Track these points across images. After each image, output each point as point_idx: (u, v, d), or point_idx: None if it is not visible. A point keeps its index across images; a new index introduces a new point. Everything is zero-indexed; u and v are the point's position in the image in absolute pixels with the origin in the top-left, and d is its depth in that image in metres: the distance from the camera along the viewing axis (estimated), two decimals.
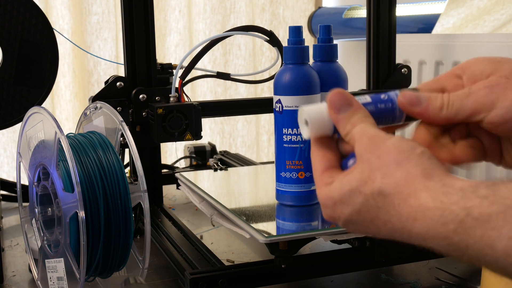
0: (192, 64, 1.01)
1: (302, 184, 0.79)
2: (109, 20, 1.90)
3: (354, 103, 0.50)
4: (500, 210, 0.40)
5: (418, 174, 0.44)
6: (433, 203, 0.43)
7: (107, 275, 0.73)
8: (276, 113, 0.79)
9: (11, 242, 1.03)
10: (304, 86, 0.77)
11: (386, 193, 0.45)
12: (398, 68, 1.18)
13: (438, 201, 0.42)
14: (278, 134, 0.79)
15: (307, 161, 0.78)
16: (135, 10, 1.00)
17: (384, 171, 0.45)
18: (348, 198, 0.47)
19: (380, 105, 0.51)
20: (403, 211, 0.44)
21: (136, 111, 1.00)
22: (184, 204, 1.20)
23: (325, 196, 0.49)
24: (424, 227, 0.43)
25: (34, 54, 1.00)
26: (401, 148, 0.46)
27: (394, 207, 0.45)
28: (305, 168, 0.79)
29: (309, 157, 0.79)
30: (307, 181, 0.79)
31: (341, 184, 0.48)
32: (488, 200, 0.41)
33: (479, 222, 0.41)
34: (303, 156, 0.78)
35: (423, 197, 0.43)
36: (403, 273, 0.85)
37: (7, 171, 1.88)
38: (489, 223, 0.40)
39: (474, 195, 0.42)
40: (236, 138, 2.13)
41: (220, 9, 2.04)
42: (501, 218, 0.40)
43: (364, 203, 0.46)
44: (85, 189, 0.67)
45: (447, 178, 0.44)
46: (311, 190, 0.80)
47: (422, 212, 0.43)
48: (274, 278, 0.77)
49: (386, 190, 0.45)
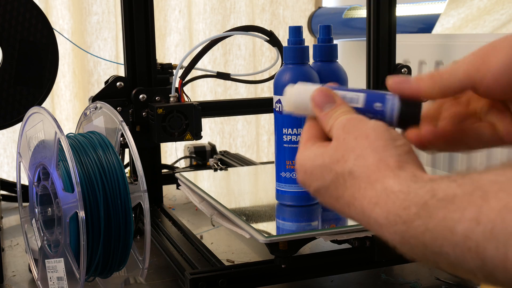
0: (192, 64, 1.01)
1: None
2: (109, 20, 1.90)
3: (338, 100, 0.50)
4: (466, 191, 0.38)
5: (391, 164, 0.44)
6: (399, 187, 0.42)
7: (107, 275, 0.73)
8: (276, 113, 0.79)
9: (11, 242, 1.03)
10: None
11: (355, 175, 0.45)
12: (398, 68, 1.17)
13: (405, 186, 0.42)
14: (278, 134, 0.79)
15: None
16: (135, 10, 1.00)
17: (358, 153, 0.45)
18: (319, 173, 0.47)
19: (369, 115, 0.50)
20: (366, 195, 0.44)
21: (136, 111, 1.00)
22: (184, 204, 1.20)
23: (298, 162, 0.50)
24: (383, 212, 0.42)
25: (34, 54, 1.00)
26: (381, 135, 0.46)
27: (359, 189, 0.44)
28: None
29: None
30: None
31: (315, 155, 0.48)
32: (456, 183, 0.39)
33: (443, 203, 0.39)
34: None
35: (390, 183, 0.42)
36: (403, 273, 0.85)
37: (7, 171, 1.88)
38: (453, 204, 0.38)
39: (443, 180, 0.40)
40: (236, 138, 2.13)
41: (220, 9, 2.04)
42: (466, 199, 0.38)
43: (334, 180, 0.46)
44: (85, 189, 0.67)
45: (419, 171, 0.43)
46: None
47: (385, 196, 0.42)
48: (274, 278, 0.77)
49: (356, 172, 0.45)
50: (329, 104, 0.50)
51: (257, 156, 2.15)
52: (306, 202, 0.80)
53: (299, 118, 0.77)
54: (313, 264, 0.79)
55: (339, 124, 0.48)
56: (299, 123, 0.77)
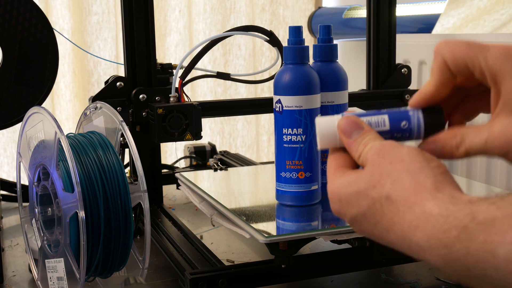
0: (192, 64, 1.01)
1: (302, 184, 0.79)
2: (109, 20, 1.90)
3: (365, 126, 0.50)
4: (506, 215, 0.39)
5: (428, 186, 0.44)
6: (438, 210, 0.42)
7: (107, 275, 0.73)
8: (276, 113, 0.79)
9: (11, 242, 1.03)
10: (304, 86, 0.77)
11: (393, 199, 0.44)
12: (398, 68, 1.17)
13: (444, 208, 0.41)
14: (278, 134, 0.79)
15: (307, 161, 0.79)
16: (135, 10, 1.00)
17: (394, 178, 0.45)
18: (355, 200, 0.47)
19: (397, 135, 0.51)
20: (406, 219, 0.43)
21: (136, 111, 1.00)
22: (184, 204, 1.20)
23: (332, 191, 0.49)
24: (425, 235, 0.42)
25: (34, 54, 1.00)
26: (415, 158, 0.45)
27: (398, 213, 0.44)
28: (305, 168, 0.79)
29: (309, 157, 0.79)
30: (307, 181, 0.79)
31: (349, 183, 0.48)
32: (495, 206, 0.40)
33: (483, 227, 0.39)
34: (303, 156, 0.78)
35: (429, 205, 0.42)
36: (403, 273, 0.85)
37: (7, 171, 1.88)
38: (493, 227, 0.39)
39: (482, 202, 0.41)
40: (236, 138, 2.13)
41: (220, 9, 2.04)
42: (506, 222, 0.38)
43: (371, 206, 0.46)
44: (85, 189, 0.67)
45: (457, 192, 0.43)
46: (311, 190, 0.80)
47: (425, 219, 0.42)
48: (274, 278, 0.77)
49: (393, 196, 0.44)
50: (357, 131, 0.50)
51: (257, 156, 2.15)
52: (306, 202, 0.80)
53: (299, 119, 0.77)
54: (313, 264, 0.79)
55: (372, 149, 0.48)
56: (299, 123, 0.77)
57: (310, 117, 0.78)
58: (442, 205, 0.42)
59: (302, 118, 0.77)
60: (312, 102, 0.77)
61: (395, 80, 1.18)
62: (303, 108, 0.77)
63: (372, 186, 0.46)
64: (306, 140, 0.78)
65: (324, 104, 0.81)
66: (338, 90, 0.82)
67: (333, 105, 0.82)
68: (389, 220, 0.45)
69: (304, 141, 0.78)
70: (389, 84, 1.17)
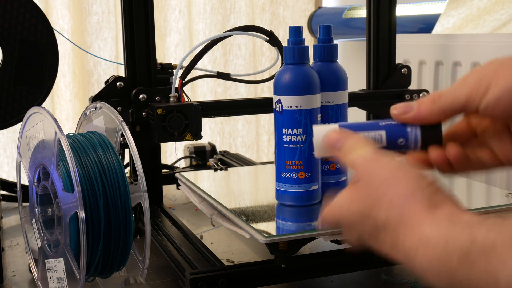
0: (192, 64, 1.01)
1: (302, 184, 0.79)
2: (109, 20, 1.90)
3: (352, 135, 0.51)
4: (506, 240, 0.39)
5: (424, 206, 0.44)
6: (438, 232, 0.42)
7: (107, 275, 0.73)
8: (276, 113, 0.79)
9: (11, 242, 1.03)
10: (304, 86, 0.77)
11: (392, 223, 0.45)
12: (398, 68, 1.17)
13: (443, 229, 0.42)
14: (278, 134, 0.79)
15: (307, 161, 0.79)
16: (135, 10, 1.00)
17: (389, 199, 0.45)
18: (358, 220, 0.48)
19: (392, 149, 0.51)
20: (406, 241, 0.44)
21: (136, 111, 1.00)
22: (184, 204, 1.20)
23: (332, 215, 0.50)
24: (426, 258, 0.42)
25: (34, 54, 1.00)
26: (409, 174, 0.46)
27: (399, 236, 0.45)
28: (305, 168, 0.79)
29: (309, 157, 0.79)
30: (307, 181, 0.79)
31: (347, 203, 0.48)
32: (494, 230, 0.40)
33: (484, 250, 0.39)
34: (303, 156, 0.78)
35: (427, 230, 0.43)
36: (403, 273, 0.85)
37: (7, 171, 1.88)
38: (493, 251, 0.39)
39: (481, 225, 0.41)
40: (236, 138, 2.13)
41: (220, 9, 2.04)
42: (506, 247, 0.39)
43: (374, 226, 0.47)
44: (85, 189, 0.67)
45: (455, 210, 0.43)
46: (311, 190, 0.80)
47: (425, 243, 0.43)
48: (274, 278, 0.77)
49: (391, 220, 0.45)
50: (342, 140, 0.50)
51: (257, 156, 2.15)
52: (306, 202, 0.80)
53: (299, 118, 0.77)
54: (313, 264, 0.79)
55: (360, 161, 0.48)
56: (299, 123, 0.77)
57: (310, 117, 0.78)
58: (442, 226, 0.42)
59: (302, 118, 0.77)
60: (312, 102, 0.77)
61: (395, 80, 1.18)
62: (303, 108, 0.77)
63: (371, 206, 0.46)
64: (306, 140, 0.78)
65: (324, 104, 0.81)
66: (338, 90, 0.82)
67: (333, 105, 0.82)
68: (392, 241, 0.45)
69: (304, 141, 0.78)
70: (389, 84, 1.17)
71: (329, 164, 0.83)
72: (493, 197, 0.91)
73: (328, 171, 0.84)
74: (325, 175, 0.83)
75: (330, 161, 0.83)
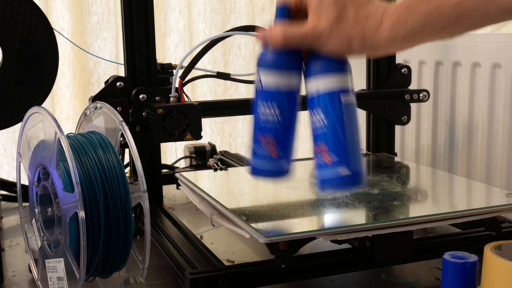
0: (192, 64, 1.01)
1: (275, 162, 0.73)
2: (109, 20, 1.90)
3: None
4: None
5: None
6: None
7: (107, 275, 0.73)
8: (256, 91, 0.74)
9: (11, 242, 1.03)
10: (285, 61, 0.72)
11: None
12: (398, 68, 1.17)
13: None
14: (254, 111, 0.73)
15: (282, 140, 0.73)
16: (135, 10, 1.00)
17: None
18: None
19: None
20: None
21: (136, 111, 1.00)
22: (184, 204, 1.20)
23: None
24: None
25: (34, 54, 1.00)
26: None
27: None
28: (279, 146, 0.72)
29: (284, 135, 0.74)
30: (279, 159, 0.72)
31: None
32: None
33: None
34: (278, 135, 0.72)
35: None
36: (403, 273, 0.85)
37: (7, 171, 1.88)
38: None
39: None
40: (236, 138, 2.13)
41: (220, 9, 2.04)
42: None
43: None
44: (85, 189, 0.67)
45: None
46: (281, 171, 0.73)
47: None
48: (274, 278, 0.77)
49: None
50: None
51: None
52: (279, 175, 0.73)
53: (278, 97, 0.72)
54: (313, 264, 0.79)
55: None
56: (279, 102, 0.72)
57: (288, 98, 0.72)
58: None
59: (282, 93, 0.71)
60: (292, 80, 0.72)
61: (395, 80, 1.18)
62: (282, 89, 0.72)
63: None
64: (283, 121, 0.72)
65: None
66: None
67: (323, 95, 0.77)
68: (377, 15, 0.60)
69: (280, 122, 0.72)
70: (389, 84, 1.17)
71: (323, 157, 0.71)
72: (493, 197, 0.91)
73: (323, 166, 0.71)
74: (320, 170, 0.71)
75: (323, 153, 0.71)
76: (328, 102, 0.72)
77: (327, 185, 0.71)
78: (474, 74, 1.25)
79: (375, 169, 1.08)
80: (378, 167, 1.09)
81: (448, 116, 1.32)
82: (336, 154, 0.71)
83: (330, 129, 0.71)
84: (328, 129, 0.71)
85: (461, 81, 1.28)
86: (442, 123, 1.34)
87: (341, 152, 0.71)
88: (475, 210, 0.80)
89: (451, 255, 0.63)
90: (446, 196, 0.93)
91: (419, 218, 0.77)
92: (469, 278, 0.62)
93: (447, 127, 1.33)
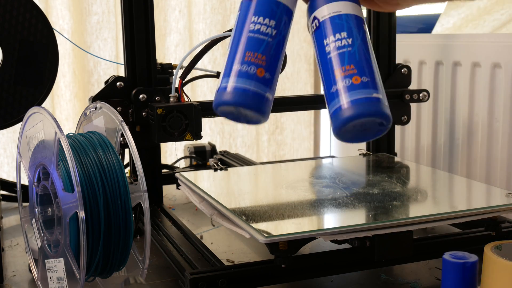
0: (192, 64, 1.01)
1: (260, 83, 0.62)
2: (109, 20, 1.90)
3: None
4: None
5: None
6: None
7: (107, 275, 0.73)
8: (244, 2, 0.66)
9: (11, 242, 1.03)
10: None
11: None
12: (398, 68, 1.17)
13: None
14: (242, 21, 0.66)
15: (272, 58, 0.65)
16: (135, 10, 1.00)
17: None
18: None
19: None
20: None
21: (136, 111, 1.00)
22: (184, 204, 1.20)
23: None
24: None
25: (34, 54, 1.00)
26: None
27: None
28: (267, 66, 0.64)
29: (275, 54, 0.65)
30: (265, 82, 0.63)
31: None
32: None
33: None
34: (268, 52, 0.65)
35: None
36: (403, 273, 0.85)
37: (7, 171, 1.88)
38: None
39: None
40: (236, 138, 2.13)
41: (220, 9, 2.04)
42: None
43: None
44: (85, 189, 0.67)
45: None
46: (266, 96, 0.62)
47: None
48: (274, 278, 0.77)
49: None
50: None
51: (257, 156, 2.15)
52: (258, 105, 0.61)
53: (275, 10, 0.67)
54: (313, 264, 0.79)
55: None
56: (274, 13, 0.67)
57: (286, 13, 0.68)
58: None
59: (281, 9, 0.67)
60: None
61: (395, 80, 1.18)
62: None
63: None
64: (276, 36, 0.66)
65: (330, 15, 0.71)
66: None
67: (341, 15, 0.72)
68: None
69: (273, 35, 0.66)
70: (389, 84, 1.17)
71: (351, 78, 0.66)
72: (493, 197, 0.91)
73: (352, 86, 0.65)
74: (350, 91, 0.65)
75: (351, 74, 0.66)
76: (355, 23, 0.68)
77: (358, 106, 0.63)
78: (474, 74, 1.25)
79: (375, 169, 1.08)
80: (378, 167, 1.09)
81: (448, 116, 1.32)
82: (366, 75, 0.66)
83: (359, 50, 0.67)
84: (358, 49, 0.67)
85: (461, 81, 1.28)
86: (442, 123, 1.34)
87: (372, 74, 0.67)
88: (475, 210, 0.80)
89: (451, 255, 0.63)
90: (446, 196, 0.93)
91: (419, 218, 0.77)
92: (469, 278, 0.62)
93: (447, 127, 1.33)
